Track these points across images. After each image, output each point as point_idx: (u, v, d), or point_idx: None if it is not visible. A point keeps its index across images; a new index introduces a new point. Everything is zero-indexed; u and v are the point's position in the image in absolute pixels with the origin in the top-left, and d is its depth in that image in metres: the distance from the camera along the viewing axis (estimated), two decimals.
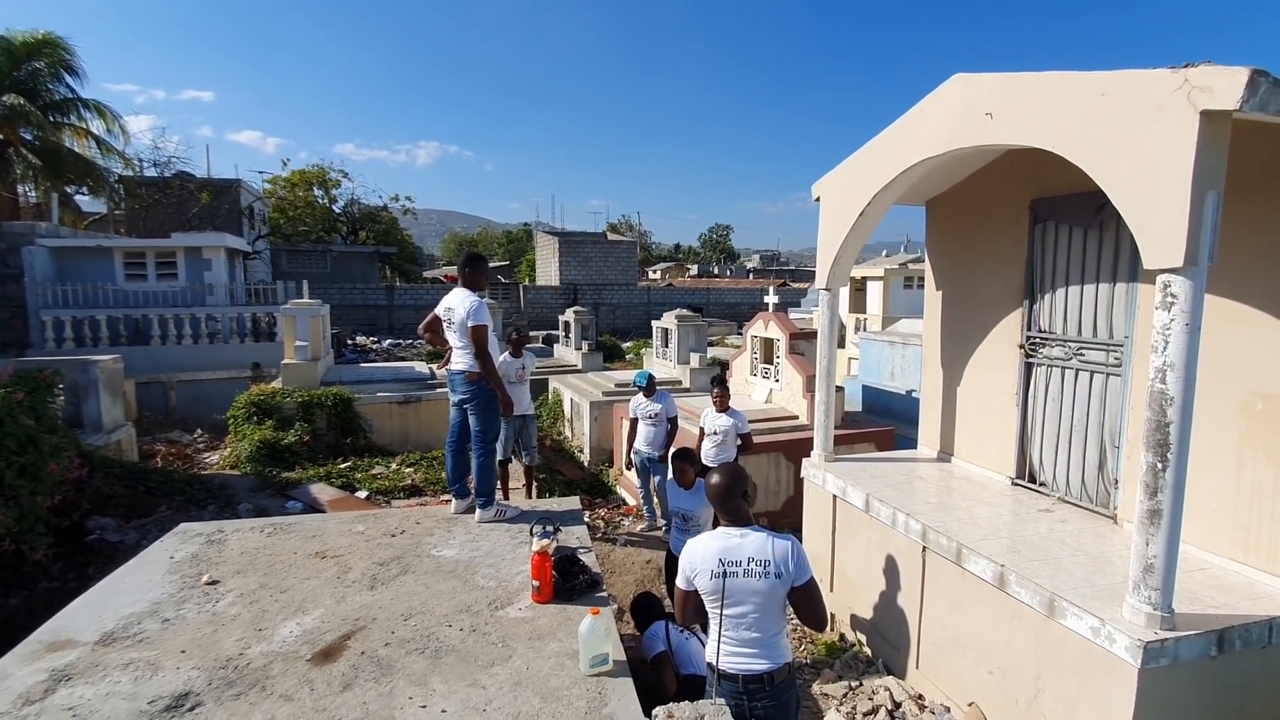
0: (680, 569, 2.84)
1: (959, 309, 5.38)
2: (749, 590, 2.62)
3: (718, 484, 2.80)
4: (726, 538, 2.72)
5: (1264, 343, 3.30)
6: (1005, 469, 4.93)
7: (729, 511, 2.78)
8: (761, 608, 2.63)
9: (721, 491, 2.79)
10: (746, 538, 2.70)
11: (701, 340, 11.47)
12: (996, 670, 3.60)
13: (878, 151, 4.69)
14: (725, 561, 2.67)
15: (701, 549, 2.76)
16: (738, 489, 2.80)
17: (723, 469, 2.89)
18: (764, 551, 2.64)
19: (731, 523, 2.76)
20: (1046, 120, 3.33)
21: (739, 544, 2.69)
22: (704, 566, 2.70)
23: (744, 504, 2.81)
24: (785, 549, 2.65)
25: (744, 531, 2.72)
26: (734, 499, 2.78)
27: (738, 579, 2.64)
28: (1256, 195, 3.29)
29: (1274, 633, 3.00)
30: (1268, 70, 2.55)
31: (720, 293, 36.47)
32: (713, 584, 2.67)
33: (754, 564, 2.63)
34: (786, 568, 2.62)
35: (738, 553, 2.67)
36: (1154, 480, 2.83)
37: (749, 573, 2.63)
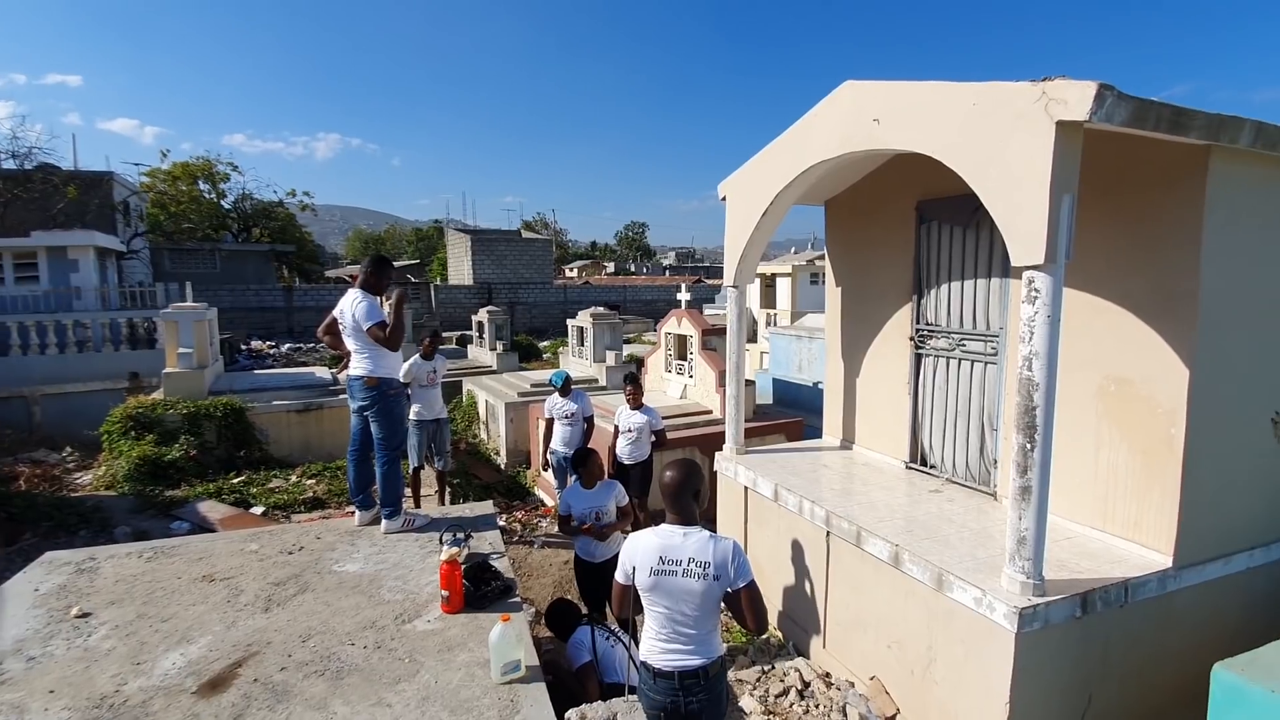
0: (620, 563, 2.79)
1: (856, 304, 5.66)
2: (686, 590, 2.62)
3: (672, 479, 2.74)
4: (669, 535, 2.70)
5: (1116, 331, 3.66)
6: (900, 454, 5.23)
7: (678, 509, 2.74)
8: (698, 607, 2.63)
9: (674, 488, 2.73)
10: (689, 537, 2.68)
11: (617, 338, 11.52)
12: (894, 644, 3.83)
13: (778, 153, 4.86)
14: (665, 559, 2.65)
15: (643, 544, 2.73)
16: (690, 487, 2.76)
17: (679, 464, 2.81)
18: (705, 553, 2.63)
19: (678, 520, 2.74)
20: (926, 127, 3.55)
21: (681, 543, 2.66)
22: (643, 562, 2.68)
23: (694, 503, 2.78)
24: (726, 552, 2.64)
25: (687, 531, 2.70)
26: (685, 496, 2.74)
27: (676, 578, 2.63)
28: (1105, 198, 3.64)
29: (1130, 592, 3.33)
30: (1114, 85, 2.81)
31: (637, 290, 36.74)
32: (651, 581, 2.66)
33: (694, 564, 2.62)
34: (726, 571, 2.62)
35: (679, 552, 2.65)
36: (1024, 459, 3.08)
37: (688, 573, 2.62)
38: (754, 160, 5.17)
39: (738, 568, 2.60)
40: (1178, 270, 3.37)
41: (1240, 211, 3.38)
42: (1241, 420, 3.58)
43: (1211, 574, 3.55)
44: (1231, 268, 3.38)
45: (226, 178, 31.07)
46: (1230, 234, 3.35)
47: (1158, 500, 3.50)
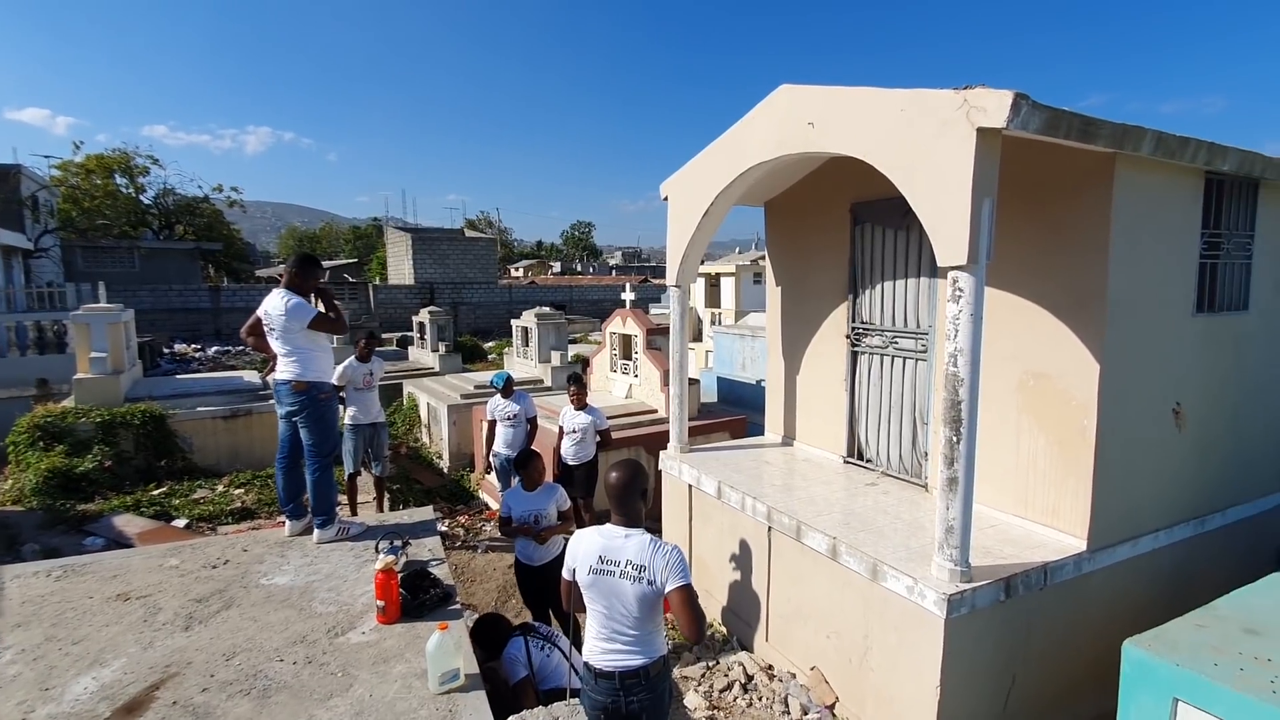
0: (566, 559, 2.77)
1: (795, 303, 5.79)
2: (622, 591, 2.61)
3: (617, 480, 2.72)
4: (612, 536, 2.68)
5: (1034, 328, 3.86)
6: (838, 449, 5.37)
7: (623, 509, 2.72)
8: (638, 609, 2.62)
9: (620, 488, 2.71)
10: (630, 539, 2.65)
11: (562, 338, 11.43)
12: (833, 634, 3.93)
13: (717, 155, 4.91)
14: (605, 560, 2.63)
15: (585, 543, 2.71)
16: (635, 488, 2.74)
17: (624, 465, 2.78)
18: (642, 556, 2.61)
19: (622, 521, 2.72)
20: (858, 131, 3.66)
21: (622, 544, 2.65)
22: (584, 560, 2.66)
23: (639, 504, 2.76)
24: (664, 556, 2.62)
25: (629, 532, 2.68)
26: (630, 497, 2.72)
27: (614, 579, 2.62)
28: (1024, 202, 3.82)
29: (1048, 575, 3.52)
30: (1028, 94, 2.96)
31: (583, 290, 36.58)
32: (590, 580, 2.65)
33: (631, 567, 2.61)
34: (659, 576, 2.59)
35: (619, 553, 2.63)
36: (951, 452, 3.21)
37: (624, 575, 2.61)
38: (694, 161, 5.22)
39: (671, 571, 2.58)
40: (1088, 271, 3.58)
41: (1142, 216, 3.62)
42: (1146, 411, 3.82)
43: (1121, 555, 3.78)
44: (1135, 269, 3.61)
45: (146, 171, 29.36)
46: (1133, 237, 3.57)
47: (1073, 488, 3.70)
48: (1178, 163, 3.62)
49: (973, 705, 3.35)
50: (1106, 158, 3.45)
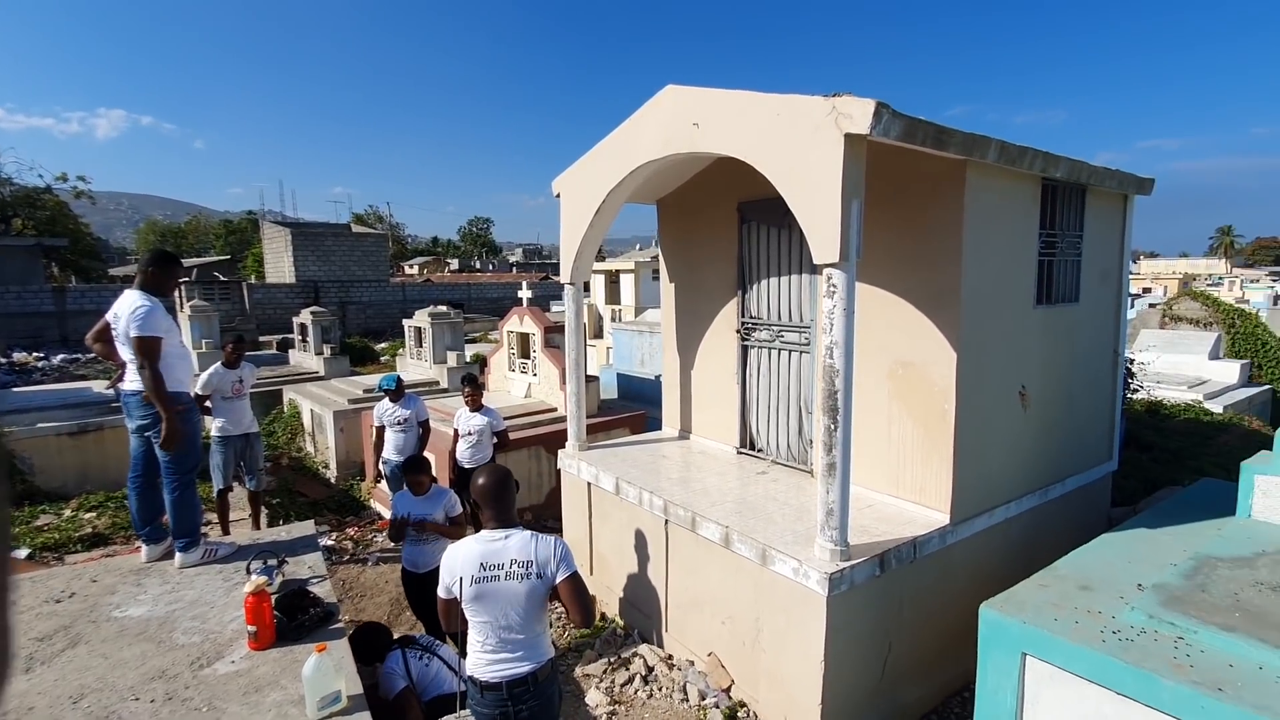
0: (441, 578, 2.70)
1: (688, 299, 5.92)
2: (510, 593, 2.58)
3: (485, 485, 2.72)
4: (489, 540, 2.65)
5: (901, 321, 4.15)
6: (731, 440, 5.56)
7: (497, 511, 2.71)
8: (524, 610, 2.60)
9: (490, 491, 2.71)
10: (510, 539, 2.65)
11: (458, 338, 11.10)
12: (728, 619, 4.06)
13: (607, 152, 4.92)
14: (486, 566, 2.60)
15: (462, 554, 2.65)
16: (507, 488, 2.75)
17: (489, 469, 2.80)
18: (526, 552, 2.62)
19: (497, 524, 2.70)
20: (740, 133, 3.78)
21: (502, 546, 2.63)
22: (464, 572, 2.60)
23: (513, 504, 2.76)
24: (549, 548, 2.65)
25: (508, 533, 2.67)
26: (503, 498, 2.72)
27: (499, 583, 2.58)
28: (891, 204, 4.10)
29: (917, 549, 3.80)
30: (889, 103, 3.17)
31: (482, 288, 35.68)
32: (473, 591, 2.59)
33: (515, 566, 2.59)
34: (548, 568, 2.62)
35: (500, 555, 2.61)
36: (829, 439, 3.40)
37: (510, 575, 2.58)
38: (585, 158, 5.20)
39: (560, 562, 2.63)
40: (945, 268, 3.89)
41: (990, 217, 3.98)
42: (996, 395, 4.22)
43: (979, 526, 4.15)
44: (984, 266, 3.97)
45: None
46: (982, 236, 3.92)
47: (937, 467, 4.02)
48: (1019, 169, 4.01)
49: (854, 675, 3.57)
50: (959, 164, 3.76)
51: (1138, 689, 2.51)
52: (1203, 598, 2.91)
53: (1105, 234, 5.04)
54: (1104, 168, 4.67)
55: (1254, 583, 3.01)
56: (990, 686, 3.02)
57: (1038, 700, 2.87)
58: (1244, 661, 2.50)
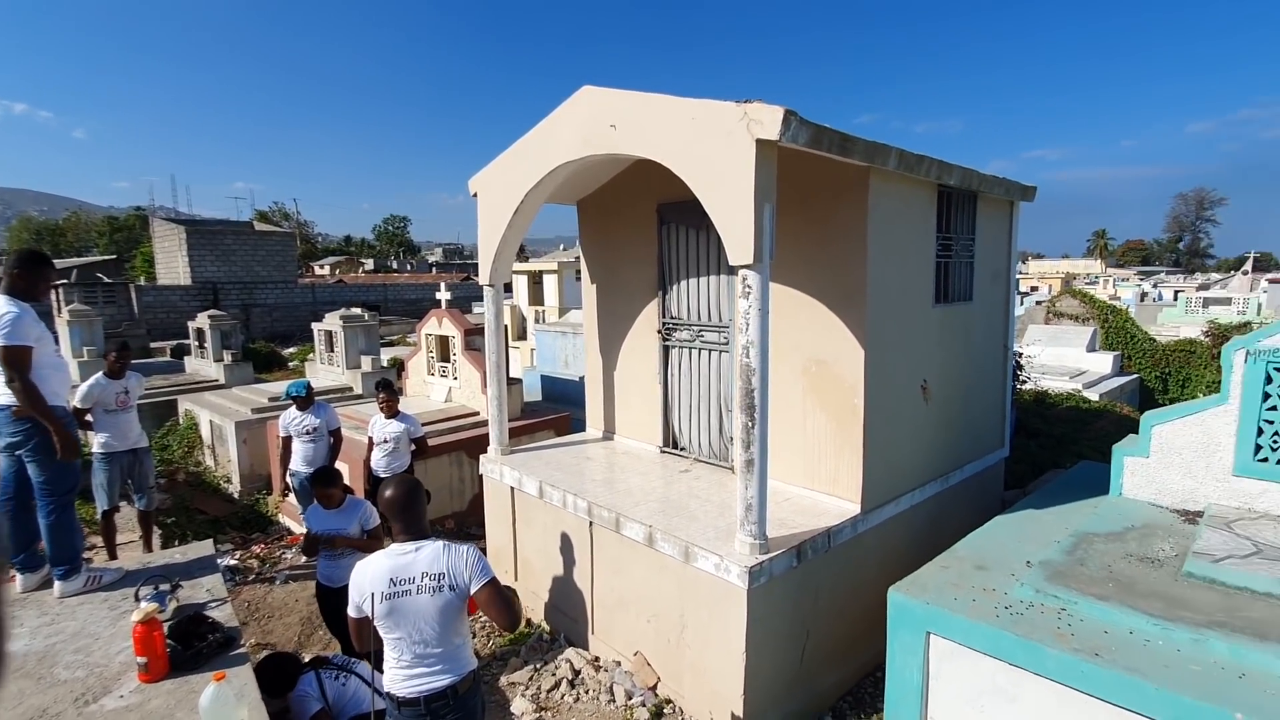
0: (350, 596, 2.59)
1: (610, 300, 5.93)
2: (422, 607, 2.50)
3: (393, 497, 2.62)
4: (399, 554, 2.56)
5: (813, 320, 4.31)
6: (655, 440, 5.61)
7: (407, 524, 2.62)
8: (438, 623, 2.53)
9: (399, 503, 2.61)
10: (421, 551, 2.57)
11: (373, 341, 10.67)
12: (653, 618, 4.10)
13: (526, 152, 4.86)
14: (397, 581, 2.51)
15: (371, 571, 2.55)
16: (417, 499, 2.66)
17: (396, 481, 2.71)
18: (438, 563, 2.54)
19: (408, 536, 2.61)
20: (657, 136, 3.82)
21: (412, 559, 2.55)
22: (374, 589, 2.50)
23: (422, 516, 2.68)
24: (461, 557, 2.58)
25: (419, 545, 2.59)
26: (413, 509, 2.64)
27: (410, 597, 2.50)
28: (803, 208, 4.25)
29: (831, 539, 3.97)
30: (797, 111, 3.28)
31: (400, 289, 34.44)
32: (383, 608, 2.49)
33: (427, 579, 2.52)
34: (461, 578, 2.55)
35: (410, 569, 2.53)
36: (747, 436, 3.49)
37: (422, 589, 2.51)
38: (503, 158, 5.12)
39: (473, 571, 2.58)
40: (852, 268, 4.07)
41: (892, 220, 4.20)
42: (901, 389, 4.46)
43: (887, 514, 4.38)
44: (887, 267, 4.18)
45: None
46: (885, 239, 4.14)
47: (848, 459, 4.21)
48: (917, 176, 4.25)
49: (774, 664, 3.69)
50: (863, 170, 3.95)
51: (1026, 659, 2.72)
52: (1081, 571, 3.18)
53: (995, 237, 5.43)
54: (993, 176, 5.02)
55: (1124, 555, 3.32)
56: (898, 665, 3.19)
57: (940, 675, 3.06)
58: (1116, 628, 2.75)
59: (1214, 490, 3.68)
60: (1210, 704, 2.27)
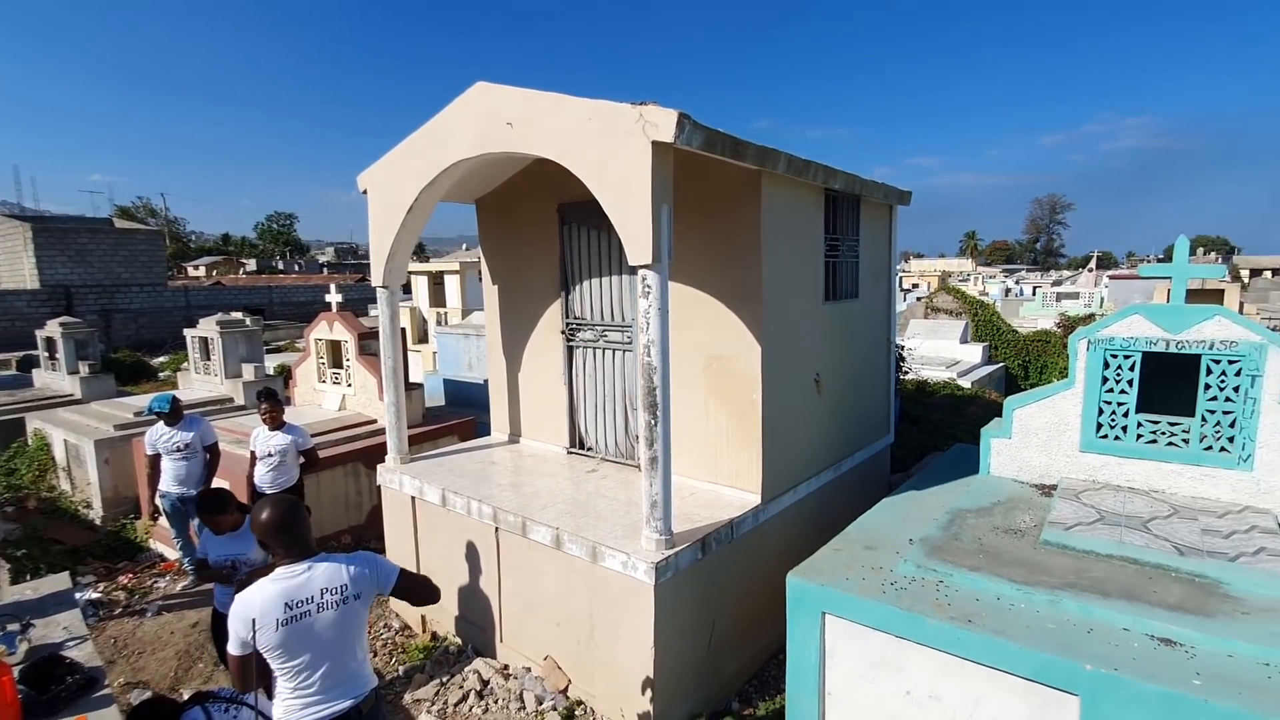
0: (232, 632, 2.39)
1: (512, 301, 5.84)
2: (326, 626, 2.39)
3: (269, 519, 2.44)
4: (289, 577, 2.40)
5: (713, 318, 4.44)
6: (562, 441, 5.58)
7: (291, 544, 2.47)
8: (341, 640, 2.43)
9: (279, 524, 2.45)
10: (315, 569, 2.44)
11: (256, 348, 9.94)
12: (563, 621, 4.08)
13: (418, 148, 4.69)
14: (292, 604, 2.36)
15: (259, 599, 2.37)
16: (295, 519, 2.50)
17: (272, 502, 2.55)
18: (338, 577, 2.45)
19: (295, 558, 2.46)
20: (554, 136, 3.80)
21: (306, 579, 2.41)
22: (266, 619, 2.34)
23: (306, 534, 2.53)
24: (359, 565, 2.54)
25: (310, 564, 2.45)
26: (295, 529, 2.48)
27: (310, 618, 2.37)
28: (703, 209, 4.36)
29: (734, 530, 4.10)
30: (690, 114, 3.36)
31: (286, 290, 32.30)
32: (279, 636, 2.33)
33: (328, 595, 2.41)
34: (366, 584, 2.51)
35: (307, 589, 2.40)
36: (650, 434, 3.55)
37: (324, 606, 2.39)
38: (395, 154, 4.92)
39: (377, 573, 2.58)
40: (748, 267, 4.23)
41: (784, 221, 4.39)
42: (795, 383, 4.67)
43: (786, 503, 4.58)
44: (780, 266, 4.37)
45: None
46: (777, 239, 4.32)
47: (749, 451, 4.37)
48: (805, 180, 4.47)
49: (682, 656, 3.77)
50: (755, 173, 4.11)
51: (910, 630, 2.93)
52: (956, 545, 3.46)
53: (877, 238, 5.80)
54: (873, 180, 5.36)
55: (992, 528, 3.64)
56: (798, 646, 3.35)
57: (835, 652, 3.23)
58: (986, 595, 3.01)
59: (1065, 465, 4.11)
60: (1064, 657, 2.53)
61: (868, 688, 3.12)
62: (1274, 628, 2.56)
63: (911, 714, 2.97)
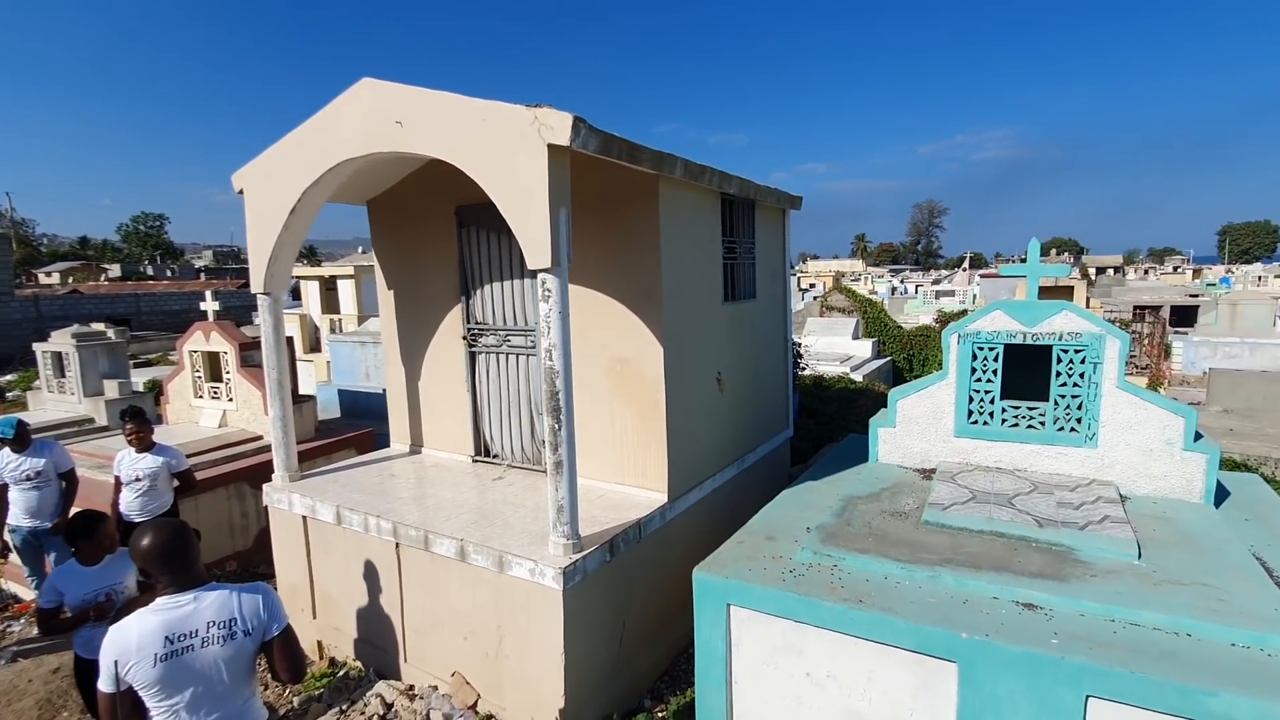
0: (103, 666, 2.17)
1: (410, 306, 5.63)
2: (211, 662, 2.21)
3: (152, 545, 2.24)
4: (173, 608, 2.21)
5: (616, 320, 4.47)
6: (466, 449, 5.44)
7: (176, 572, 2.28)
8: (230, 676, 2.26)
9: (163, 551, 2.25)
10: (201, 600, 2.25)
11: (120, 362, 9.04)
12: (470, 634, 3.97)
13: (302, 146, 4.43)
14: (174, 638, 2.17)
15: (137, 632, 2.16)
16: (183, 544, 2.31)
17: (155, 526, 2.34)
18: (228, 609, 2.27)
19: (179, 587, 2.26)
20: (448, 136, 3.69)
21: (192, 610, 2.22)
22: (144, 653, 2.13)
23: (194, 562, 2.35)
24: (255, 601, 2.34)
25: (196, 594, 2.27)
26: (179, 558, 2.29)
27: (194, 652, 2.19)
28: (605, 212, 4.38)
29: (641, 529, 4.14)
30: (586, 118, 3.37)
31: (158, 298, 29.59)
32: (157, 672, 2.13)
33: (215, 628, 2.23)
34: (258, 621, 2.32)
35: (191, 621, 2.21)
36: (554, 438, 3.52)
37: (209, 640, 2.21)
38: (275, 151, 4.62)
39: (270, 614, 2.36)
40: (648, 270, 4.29)
41: (682, 225, 4.49)
42: (698, 382, 4.79)
43: (692, 500, 4.68)
44: (680, 268, 4.46)
45: None
46: (676, 241, 4.41)
47: (655, 451, 4.43)
48: (702, 184, 4.59)
49: (593, 658, 3.76)
50: (653, 177, 4.17)
51: (807, 614, 3.07)
52: (848, 530, 3.66)
53: (772, 241, 6.04)
54: (766, 186, 5.58)
55: (880, 512, 3.88)
56: (705, 638, 3.42)
57: (741, 642, 3.34)
58: (875, 575, 3.20)
59: (943, 450, 4.44)
60: (943, 628, 2.74)
61: (771, 673, 3.24)
62: (1117, 587, 2.88)
63: (811, 694, 3.11)
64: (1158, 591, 2.83)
